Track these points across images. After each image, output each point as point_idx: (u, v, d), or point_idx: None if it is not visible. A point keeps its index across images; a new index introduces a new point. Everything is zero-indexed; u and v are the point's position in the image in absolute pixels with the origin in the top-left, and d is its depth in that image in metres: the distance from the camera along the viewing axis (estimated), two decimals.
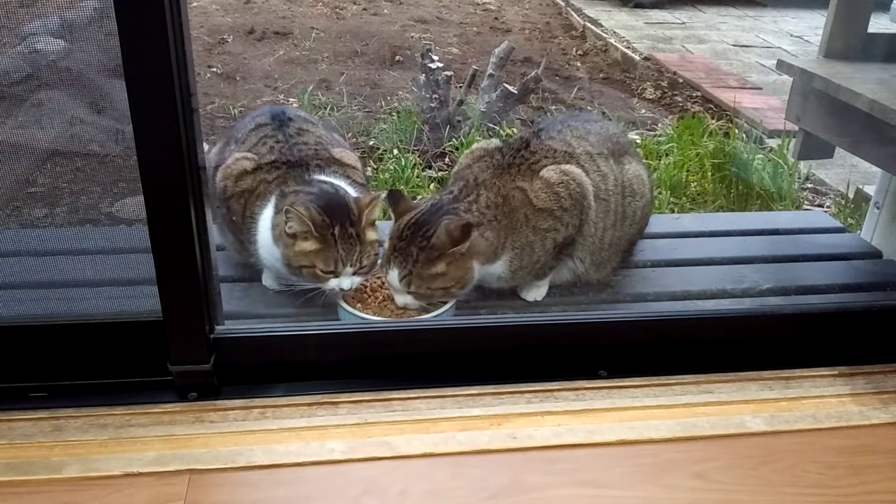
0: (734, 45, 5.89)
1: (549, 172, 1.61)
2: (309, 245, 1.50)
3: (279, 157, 1.64)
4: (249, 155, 1.64)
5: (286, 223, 1.49)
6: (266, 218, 1.58)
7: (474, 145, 1.80)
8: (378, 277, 1.64)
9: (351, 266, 1.53)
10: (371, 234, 1.56)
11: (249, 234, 1.62)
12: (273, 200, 1.58)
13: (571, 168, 1.63)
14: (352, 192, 1.62)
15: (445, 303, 1.57)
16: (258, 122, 1.73)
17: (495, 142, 1.78)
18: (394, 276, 1.54)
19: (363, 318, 1.54)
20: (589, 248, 1.68)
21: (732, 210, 3.22)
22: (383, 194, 1.60)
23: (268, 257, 1.59)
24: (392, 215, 1.61)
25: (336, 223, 1.51)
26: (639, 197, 1.72)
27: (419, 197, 2.75)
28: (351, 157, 1.75)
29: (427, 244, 1.50)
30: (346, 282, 1.54)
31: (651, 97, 4.75)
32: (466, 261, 1.52)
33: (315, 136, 1.73)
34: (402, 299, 1.56)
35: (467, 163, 1.71)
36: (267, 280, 1.70)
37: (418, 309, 1.58)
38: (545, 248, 1.60)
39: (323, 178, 1.61)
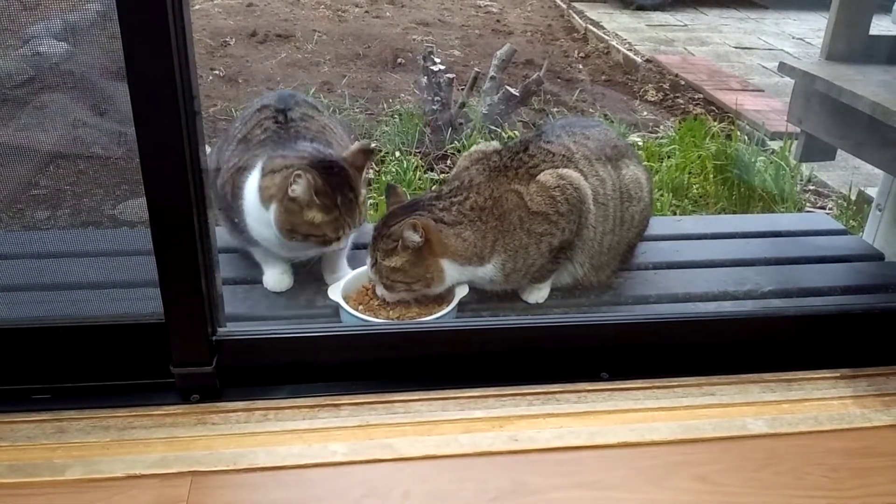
0: (736, 48, 5.89)
1: (546, 176, 1.61)
2: (314, 215, 1.53)
3: (272, 136, 1.67)
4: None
5: (290, 185, 1.50)
6: (252, 183, 1.59)
7: (473, 147, 1.81)
8: None
9: (354, 228, 1.59)
10: (363, 190, 1.60)
11: (238, 206, 1.63)
12: (259, 165, 1.60)
13: (569, 172, 1.63)
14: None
15: (442, 302, 1.58)
16: (263, 104, 1.76)
17: (494, 144, 1.79)
18: (368, 263, 1.59)
19: (365, 321, 1.54)
20: (588, 252, 1.68)
21: (734, 212, 3.22)
22: (372, 144, 1.64)
23: (255, 225, 1.60)
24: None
25: (337, 192, 1.54)
26: (636, 201, 1.72)
27: None
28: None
29: (387, 233, 1.54)
30: (345, 240, 1.60)
31: (653, 99, 4.75)
32: (427, 259, 1.53)
33: (318, 125, 1.75)
34: (379, 290, 1.59)
35: (465, 165, 1.71)
36: (269, 282, 1.71)
37: (419, 310, 1.58)
38: (540, 251, 1.60)
39: (307, 144, 1.63)
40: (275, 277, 1.70)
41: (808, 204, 3.44)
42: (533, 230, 1.59)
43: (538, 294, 1.71)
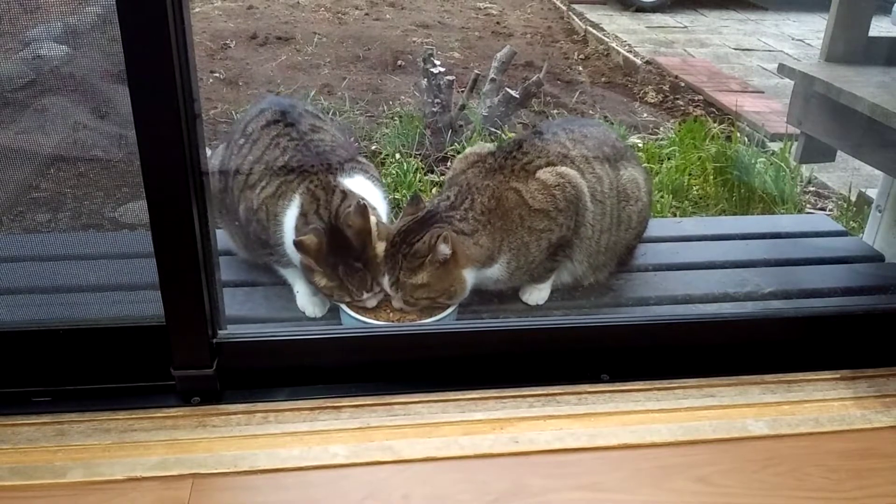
0: (736, 49, 5.89)
1: (545, 174, 1.62)
2: (320, 279, 1.53)
3: (293, 155, 1.65)
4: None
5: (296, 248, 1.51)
6: (290, 220, 1.58)
7: (467, 150, 1.81)
8: None
9: (367, 292, 1.55)
10: (379, 249, 1.56)
11: (277, 234, 1.62)
12: (297, 200, 1.59)
13: (567, 170, 1.64)
14: (373, 191, 1.64)
15: (441, 308, 1.58)
16: (269, 120, 1.72)
17: (489, 146, 1.79)
18: (385, 280, 1.55)
19: (365, 323, 1.54)
20: (586, 250, 1.69)
21: (734, 214, 3.22)
22: (363, 203, 1.54)
23: (294, 256, 1.59)
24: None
25: (339, 262, 1.51)
26: (633, 201, 1.72)
27: None
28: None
29: (410, 252, 1.52)
30: (371, 301, 1.57)
31: (653, 101, 4.75)
32: (453, 272, 1.52)
33: (329, 135, 1.74)
34: (397, 303, 1.57)
35: (461, 168, 1.72)
36: (303, 305, 1.68)
37: (419, 313, 1.58)
38: (540, 248, 1.61)
39: (345, 185, 1.61)
40: (308, 300, 1.68)
41: (808, 205, 3.44)
42: (534, 227, 1.60)
43: (538, 295, 1.71)
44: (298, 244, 1.49)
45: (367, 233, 1.53)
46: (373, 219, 1.55)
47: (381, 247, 1.56)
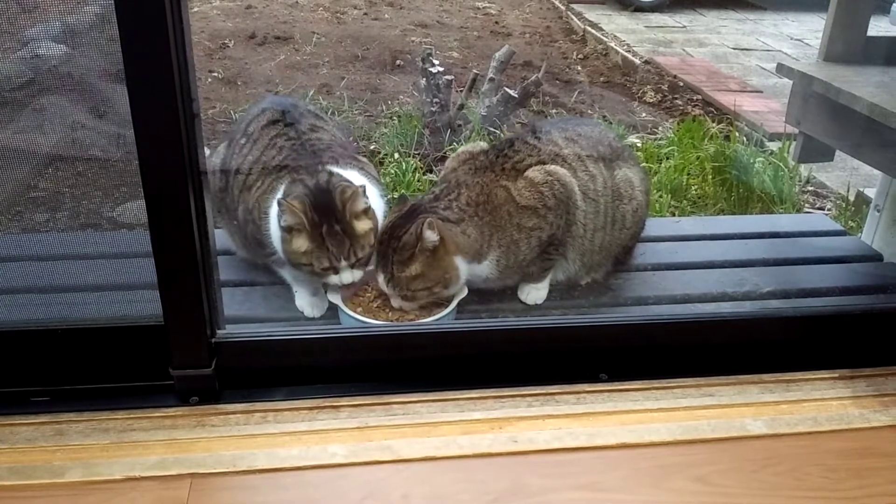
0: (734, 49, 5.89)
1: (535, 172, 1.63)
2: (301, 243, 1.51)
3: (289, 154, 1.64)
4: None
5: (280, 216, 1.50)
6: (275, 206, 1.58)
7: (460, 149, 1.81)
8: None
9: (345, 260, 1.53)
10: (362, 225, 1.54)
11: (266, 228, 1.61)
12: (282, 188, 1.59)
13: (556, 168, 1.64)
14: (371, 190, 1.62)
15: (441, 304, 1.58)
16: (269, 119, 1.71)
17: (482, 145, 1.80)
18: (380, 279, 1.56)
19: (364, 322, 1.54)
20: (579, 249, 1.69)
21: (733, 213, 3.22)
22: (360, 187, 1.55)
23: (279, 245, 1.58)
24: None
25: (323, 221, 1.51)
26: (627, 200, 1.72)
27: None
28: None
29: (399, 245, 1.52)
30: (347, 276, 1.55)
31: (651, 101, 4.75)
32: (444, 259, 1.53)
33: (329, 135, 1.73)
34: (395, 302, 1.57)
35: (453, 166, 1.73)
36: (301, 306, 1.68)
37: (418, 312, 1.58)
38: (530, 245, 1.62)
39: (331, 168, 1.60)
40: (306, 300, 1.68)
41: (806, 205, 3.44)
42: (523, 224, 1.60)
43: (536, 295, 1.71)
44: (285, 202, 1.48)
45: (346, 202, 1.52)
46: (365, 200, 1.55)
47: (362, 225, 1.55)
